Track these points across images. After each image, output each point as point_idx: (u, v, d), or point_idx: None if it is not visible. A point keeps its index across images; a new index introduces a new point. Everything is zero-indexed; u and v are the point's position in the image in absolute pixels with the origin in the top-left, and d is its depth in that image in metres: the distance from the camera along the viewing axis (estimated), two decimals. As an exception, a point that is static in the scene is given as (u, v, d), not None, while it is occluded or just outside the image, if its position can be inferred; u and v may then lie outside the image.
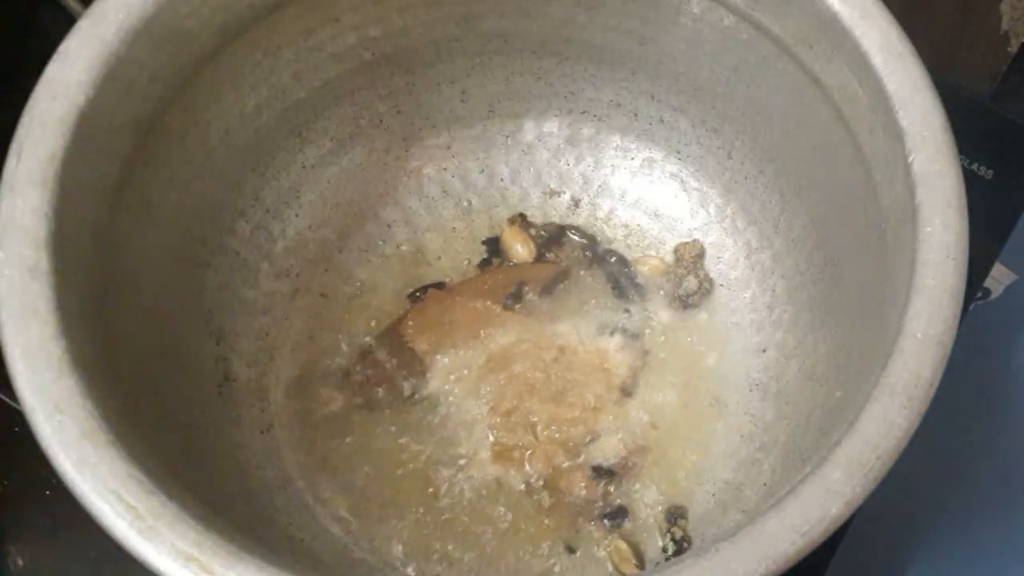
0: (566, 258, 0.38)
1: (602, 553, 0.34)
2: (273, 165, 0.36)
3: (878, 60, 0.27)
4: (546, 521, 0.34)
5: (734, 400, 0.36)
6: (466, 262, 0.39)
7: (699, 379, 0.36)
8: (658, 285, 0.38)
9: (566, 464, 0.35)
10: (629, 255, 0.39)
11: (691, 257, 0.38)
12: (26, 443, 0.23)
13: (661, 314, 0.38)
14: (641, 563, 0.33)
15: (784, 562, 0.22)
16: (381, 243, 0.39)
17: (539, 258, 0.38)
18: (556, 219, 0.40)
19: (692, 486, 0.34)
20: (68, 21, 0.27)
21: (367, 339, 0.37)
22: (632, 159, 0.39)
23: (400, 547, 0.33)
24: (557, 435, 0.35)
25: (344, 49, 0.35)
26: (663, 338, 0.37)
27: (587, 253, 0.39)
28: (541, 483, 0.35)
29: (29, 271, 0.24)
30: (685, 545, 0.33)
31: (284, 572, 0.22)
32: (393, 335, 0.37)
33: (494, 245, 0.39)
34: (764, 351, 0.36)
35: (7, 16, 0.42)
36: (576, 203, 0.40)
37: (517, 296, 0.37)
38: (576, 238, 0.39)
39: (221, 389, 0.34)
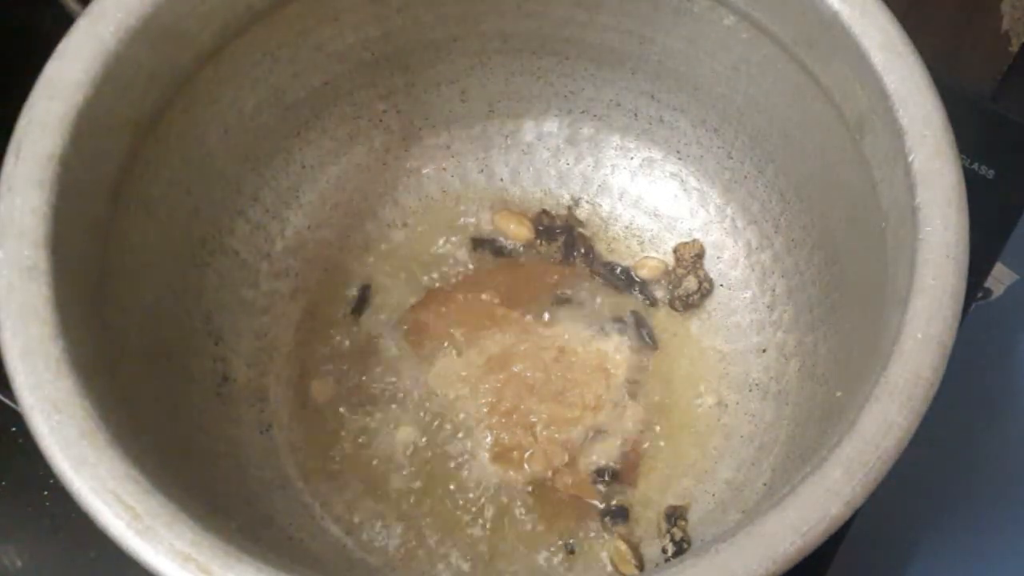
0: (559, 255, 0.38)
1: (602, 553, 0.34)
2: (273, 165, 0.36)
3: (878, 59, 0.27)
4: (546, 521, 0.34)
5: (734, 400, 0.36)
6: (465, 262, 0.39)
7: (699, 379, 0.36)
8: (658, 285, 0.38)
9: (566, 464, 0.35)
10: (629, 255, 0.39)
11: (691, 257, 0.38)
12: (24, 443, 0.23)
13: (661, 314, 0.38)
14: (641, 563, 0.33)
15: (784, 562, 0.22)
16: (381, 243, 0.39)
17: (536, 239, 0.39)
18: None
19: (692, 486, 0.34)
20: (68, 21, 0.27)
21: (366, 339, 0.37)
22: (632, 159, 0.39)
23: (399, 547, 0.33)
24: (557, 435, 0.35)
25: (344, 49, 0.35)
26: (663, 338, 0.37)
27: (586, 253, 0.39)
28: (541, 483, 0.34)
29: (28, 271, 0.24)
30: (685, 545, 0.33)
31: (283, 573, 0.22)
32: (393, 335, 0.37)
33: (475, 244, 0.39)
34: (764, 351, 0.36)
35: (7, 16, 0.42)
36: (576, 203, 0.40)
37: (523, 296, 0.37)
38: (568, 234, 0.39)
39: (221, 389, 0.34)
